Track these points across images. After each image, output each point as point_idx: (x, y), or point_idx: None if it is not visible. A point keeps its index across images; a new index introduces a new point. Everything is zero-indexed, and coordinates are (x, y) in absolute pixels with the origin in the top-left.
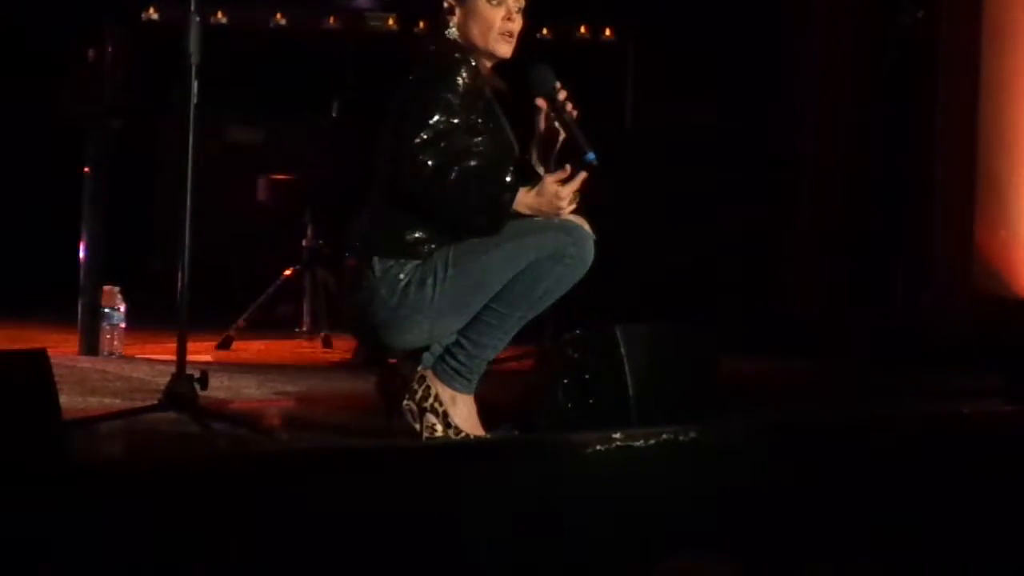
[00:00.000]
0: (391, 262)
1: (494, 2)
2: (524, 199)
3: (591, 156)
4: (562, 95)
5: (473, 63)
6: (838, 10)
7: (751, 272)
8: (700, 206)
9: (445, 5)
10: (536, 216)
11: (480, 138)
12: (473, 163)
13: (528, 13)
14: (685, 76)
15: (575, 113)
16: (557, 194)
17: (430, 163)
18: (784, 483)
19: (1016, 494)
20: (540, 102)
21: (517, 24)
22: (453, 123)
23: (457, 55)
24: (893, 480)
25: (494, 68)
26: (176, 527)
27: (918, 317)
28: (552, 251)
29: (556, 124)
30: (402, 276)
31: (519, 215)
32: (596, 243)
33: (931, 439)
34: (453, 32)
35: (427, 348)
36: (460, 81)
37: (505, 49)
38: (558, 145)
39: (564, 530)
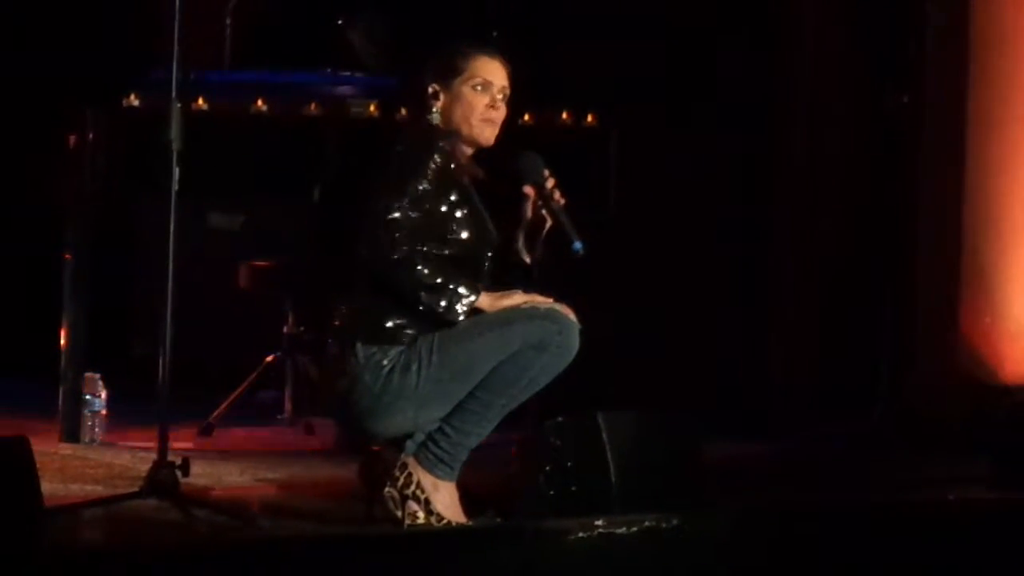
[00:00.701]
0: (374, 348)
1: (479, 88)
2: (485, 301)
3: (578, 245)
4: (550, 183)
5: (449, 148)
6: (824, 93)
7: (734, 359)
8: (682, 293)
9: (429, 90)
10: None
11: (455, 225)
12: (449, 249)
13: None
14: (669, 161)
15: (563, 201)
16: (527, 302)
17: (394, 248)
18: (767, 571)
19: None
20: (528, 190)
21: (501, 113)
22: (423, 208)
23: (433, 140)
24: (879, 566)
25: (474, 156)
26: None
27: (903, 403)
28: (538, 340)
29: (543, 212)
30: (386, 362)
31: (480, 311)
32: (581, 332)
33: (917, 525)
34: (436, 117)
35: (410, 435)
36: (433, 166)
37: (488, 135)
38: (544, 233)
39: None
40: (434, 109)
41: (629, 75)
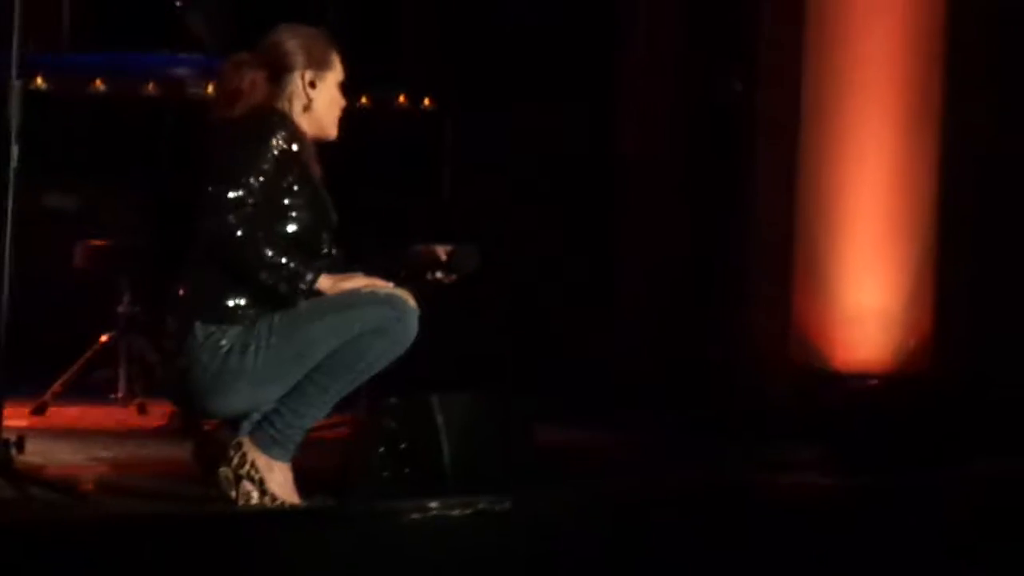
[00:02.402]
0: (213, 327)
1: (340, 87)
2: (325, 283)
3: None
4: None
5: (293, 130)
6: (657, 76)
7: (570, 344)
8: (519, 274)
9: (307, 77)
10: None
11: (296, 204)
12: (289, 228)
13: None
14: (508, 149)
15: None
16: (367, 286)
17: (234, 227)
18: (597, 554)
19: (828, 564)
20: (441, 251)
21: (343, 101)
22: (264, 187)
23: (276, 121)
24: (708, 550)
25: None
26: None
27: (739, 389)
28: (376, 325)
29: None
30: (224, 342)
31: (320, 293)
32: (420, 318)
33: (750, 508)
34: (314, 105)
35: (246, 416)
36: (275, 145)
37: (335, 132)
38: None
39: None
40: (312, 97)
41: (468, 62)
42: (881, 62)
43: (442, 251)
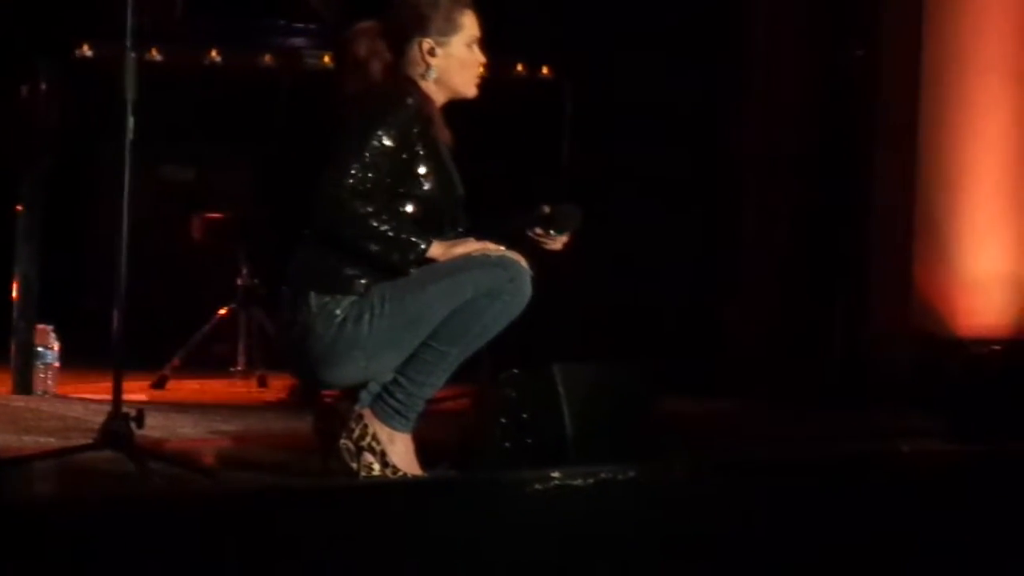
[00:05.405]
0: (327, 297)
1: (474, 47)
2: (437, 250)
3: None
4: (558, 244)
5: (418, 106)
6: (778, 45)
7: (690, 311)
8: (638, 244)
9: (424, 46)
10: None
11: (419, 180)
12: (409, 206)
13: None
14: (623, 115)
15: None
16: (479, 250)
17: (345, 208)
18: (722, 523)
19: (955, 533)
20: (536, 232)
21: (482, 57)
22: (383, 165)
23: (401, 98)
24: (831, 519)
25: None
26: (112, 567)
27: (858, 357)
28: (489, 288)
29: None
30: (338, 311)
31: (432, 260)
32: (534, 280)
33: (871, 478)
34: (432, 74)
35: (365, 387)
36: (398, 123)
37: (475, 90)
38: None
39: (502, 570)
40: (432, 66)
41: (584, 26)
42: (1003, 26)
43: (544, 208)
